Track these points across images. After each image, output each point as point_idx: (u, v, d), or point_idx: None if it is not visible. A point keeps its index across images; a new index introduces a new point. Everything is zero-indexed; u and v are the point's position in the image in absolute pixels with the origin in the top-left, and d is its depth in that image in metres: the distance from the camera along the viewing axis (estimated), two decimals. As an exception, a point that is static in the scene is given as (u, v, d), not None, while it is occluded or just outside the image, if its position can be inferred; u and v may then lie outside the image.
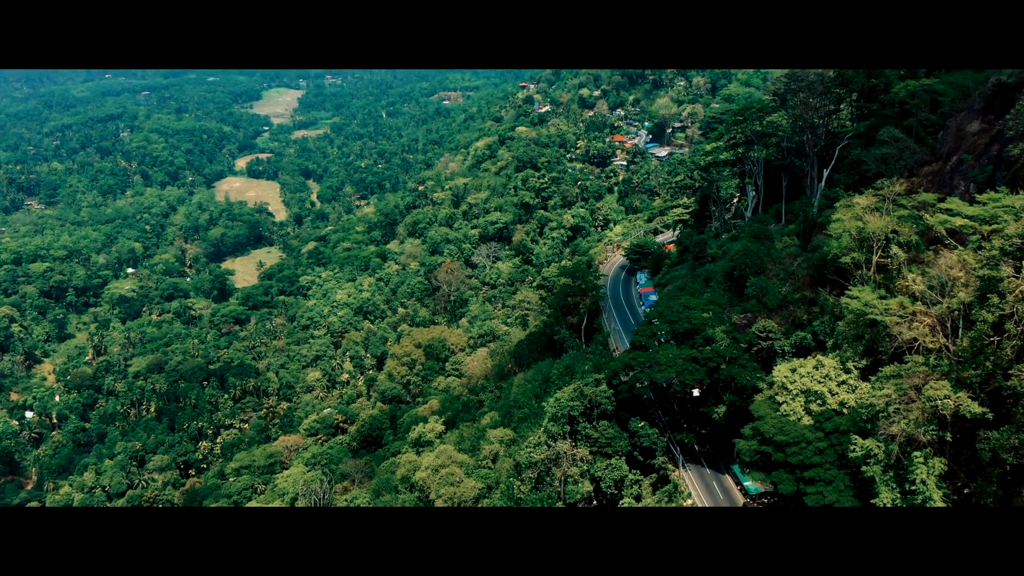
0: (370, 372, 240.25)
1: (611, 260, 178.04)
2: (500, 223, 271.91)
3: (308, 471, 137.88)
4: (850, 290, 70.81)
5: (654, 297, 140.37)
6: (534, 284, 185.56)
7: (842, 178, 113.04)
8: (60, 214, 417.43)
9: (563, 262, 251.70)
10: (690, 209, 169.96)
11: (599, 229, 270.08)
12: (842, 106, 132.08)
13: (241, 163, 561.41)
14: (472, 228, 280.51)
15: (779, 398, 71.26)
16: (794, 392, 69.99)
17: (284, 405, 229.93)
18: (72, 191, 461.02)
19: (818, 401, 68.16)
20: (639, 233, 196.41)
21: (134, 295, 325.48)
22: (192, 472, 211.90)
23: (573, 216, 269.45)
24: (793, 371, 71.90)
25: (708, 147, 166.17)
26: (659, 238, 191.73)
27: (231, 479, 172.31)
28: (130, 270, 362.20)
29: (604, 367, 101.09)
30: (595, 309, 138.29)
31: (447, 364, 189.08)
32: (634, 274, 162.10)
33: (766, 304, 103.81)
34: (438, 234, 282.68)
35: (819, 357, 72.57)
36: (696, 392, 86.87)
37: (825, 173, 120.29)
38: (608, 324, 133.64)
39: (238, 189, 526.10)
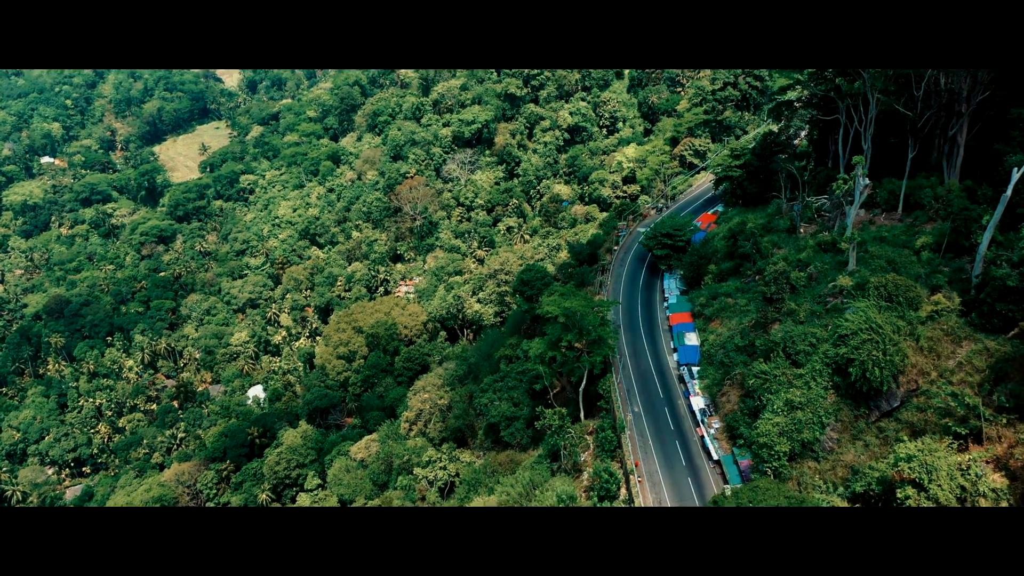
0: (313, 328, 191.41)
1: (626, 240, 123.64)
2: (479, 122, 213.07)
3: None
4: None
5: (693, 339, 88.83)
6: (510, 286, 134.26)
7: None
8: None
9: (554, 182, 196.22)
10: (743, 159, 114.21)
11: (604, 131, 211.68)
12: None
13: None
14: (444, 127, 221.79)
15: None
16: None
17: (206, 377, 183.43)
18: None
19: None
20: (661, 186, 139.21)
21: (42, 200, 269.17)
22: (86, 470, 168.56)
23: (571, 113, 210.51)
24: None
25: (779, 79, 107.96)
26: (694, 188, 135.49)
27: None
28: (45, 159, 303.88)
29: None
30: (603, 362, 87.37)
31: (396, 360, 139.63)
32: (659, 276, 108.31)
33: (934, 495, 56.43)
34: (402, 133, 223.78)
35: None
36: None
37: (1015, 175, 66.66)
38: (622, 399, 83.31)
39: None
